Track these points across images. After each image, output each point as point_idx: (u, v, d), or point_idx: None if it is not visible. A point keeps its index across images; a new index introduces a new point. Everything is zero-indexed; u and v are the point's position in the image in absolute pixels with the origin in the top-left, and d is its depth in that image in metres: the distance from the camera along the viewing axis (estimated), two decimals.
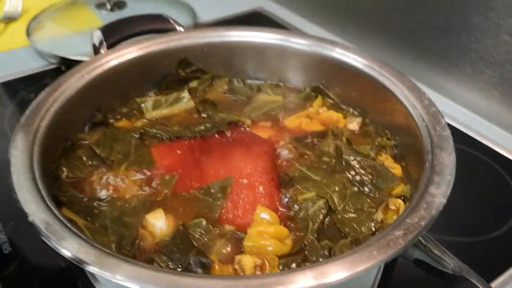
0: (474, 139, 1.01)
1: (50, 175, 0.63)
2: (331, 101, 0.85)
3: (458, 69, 1.10)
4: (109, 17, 1.36)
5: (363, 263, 0.48)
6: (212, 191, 0.66)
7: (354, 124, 0.80)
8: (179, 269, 0.57)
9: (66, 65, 1.19)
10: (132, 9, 1.38)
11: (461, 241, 0.78)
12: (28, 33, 1.29)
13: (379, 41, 1.25)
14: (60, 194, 0.63)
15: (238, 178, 0.66)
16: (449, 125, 0.89)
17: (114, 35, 0.84)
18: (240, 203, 0.65)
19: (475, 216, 0.84)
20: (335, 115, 0.82)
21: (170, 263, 0.57)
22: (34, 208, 0.52)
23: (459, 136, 1.01)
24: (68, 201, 0.63)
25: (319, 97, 0.85)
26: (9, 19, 1.40)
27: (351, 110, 0.83)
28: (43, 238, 0.50)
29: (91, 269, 0.47)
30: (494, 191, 0.90)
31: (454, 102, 1.13)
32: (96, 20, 1.36)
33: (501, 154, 0.97)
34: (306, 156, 0.73)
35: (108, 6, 1.35)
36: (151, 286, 0.46)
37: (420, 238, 0.54)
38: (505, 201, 0.87)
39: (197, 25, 1.37)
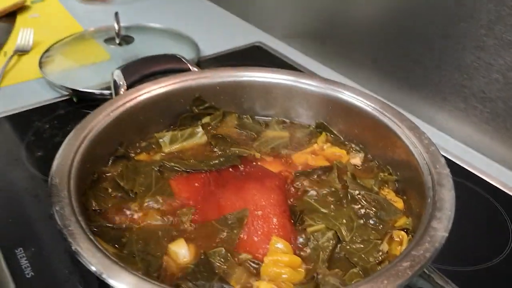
0: (468, 171, 1.06)
1: (82, 206, 0.68)
2: (335, 137, 0.91)
3: (451, 104, 1.16)
4: (117, 50, 1.42)
5: None
6: (229, 222, 0.72)
7: (357, 160, 0.86)
8: None
9: (78, 96, 1.25)
10: (139, 44, 1.45)
11: (460, 270, 0.84)
12: (40, 66, 1.35)
13: (376, 76, 1.32)
14: (90, 224, 0.68)
15: (253, 210, 0.72)
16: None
17: (133, 74, 0.90)
18: (256, 233, 0.70)
19: (471, 246, 0.89)
20: (338, 151, 0.88)
21: None
22: (77, 238, 0.58)
23: (452, 168, 1.07)
24: (98, 230, 0.68)
25: (323, 133, 0.91)
26: (22, 52, 1.46)
27: (353, 146, 0.89)
28: (86, 264, 0.56)
29: None
30: (488, 221, 0.95)
31: (447, 135, 1.19)
32: (104, 53, 1.42)
33: (494, 186, 1.02)
34: (314, 190, 0.79)
35: (117, 41, 1.41)
36: None
37: (425, 269, 0.60)
38: (499, 231, 0.92)
39: (200, 59, 1.43)
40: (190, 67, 0.94)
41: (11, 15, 1.71)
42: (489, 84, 1.07)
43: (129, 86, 0.89)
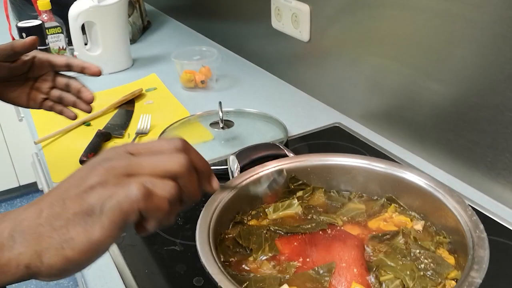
0: None
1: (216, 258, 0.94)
2: (401, 208, 1.11)
3: (504, 178, 1.32)
4: (219, 133, 1.68)
5: None
6: (321, 272, 0.94)
7: (418, 226, 1.05)
8: None
9: None
10: (238, 127, 1.69)
11: None
12: None
13: (442, 154, 1.49)
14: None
15: (338, 263, 0.94)
16: (495, 221, 1.20)
17: (244, 159, 1.17)
18: (341, 280, 0.93)
19: None
20: (404, 219, 1.07)
21: None
22: (220, 278, 0.84)
23: (506, 233, 1.24)
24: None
25: (392, 205, 1.12)
26: (142, 134, 1.77)
27: (416, 215, 1.09)
28: None
29: None
30: None
31: (502, 204, 1.36)
32: (209, 135, 1.69)
33: None
34: (385, 249, 1.00)
35: (221, 125, 1.67)
36: None
37: None
38: None
39: (289, 138, 1.67)
40: (287, 153, 1.20)
41: (130, 102, 2.02)
42: None
43: (242, 168, 1.16)
